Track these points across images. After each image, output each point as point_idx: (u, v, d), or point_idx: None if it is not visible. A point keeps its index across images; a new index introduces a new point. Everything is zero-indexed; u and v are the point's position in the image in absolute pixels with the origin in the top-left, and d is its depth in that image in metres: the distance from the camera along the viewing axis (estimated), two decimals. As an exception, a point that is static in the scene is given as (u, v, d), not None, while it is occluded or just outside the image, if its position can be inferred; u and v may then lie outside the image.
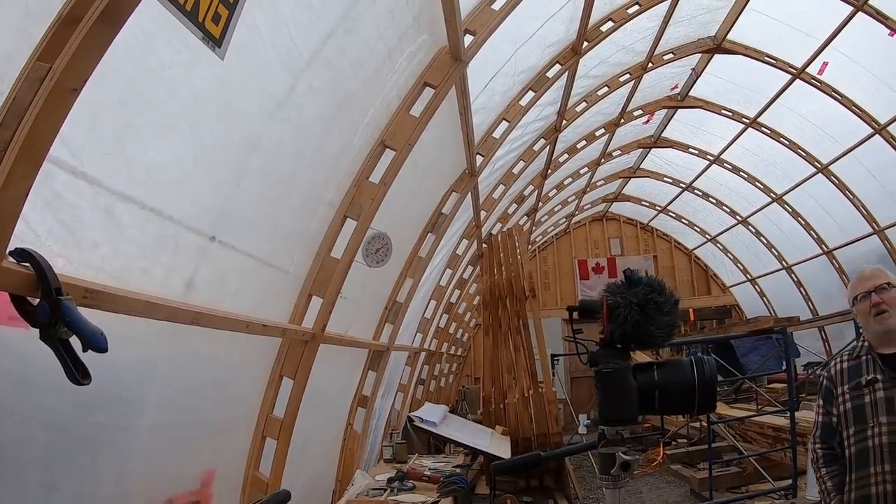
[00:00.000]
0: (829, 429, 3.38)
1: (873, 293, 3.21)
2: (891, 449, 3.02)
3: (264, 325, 3.68)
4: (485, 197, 9.89)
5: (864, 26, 10.91)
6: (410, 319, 8.42)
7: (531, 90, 8.36)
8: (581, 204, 20.37)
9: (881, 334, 3.21)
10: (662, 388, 2.08)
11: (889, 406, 3.08)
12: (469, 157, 7.09)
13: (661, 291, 2.14)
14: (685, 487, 10.95)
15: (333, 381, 6.03)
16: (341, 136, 4.27)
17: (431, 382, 12.61)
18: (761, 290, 21.34)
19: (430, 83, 4.94)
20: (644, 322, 2.09)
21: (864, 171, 14.07)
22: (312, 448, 5.60)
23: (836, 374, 3.36)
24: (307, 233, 4.28)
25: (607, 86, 11.55)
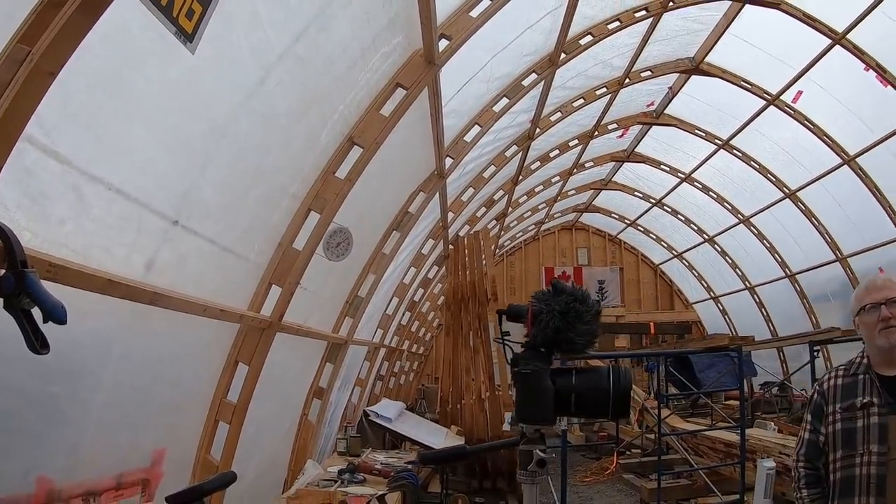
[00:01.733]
0: (815, 448, 3.19)
1: (883, 305, 2.96)
2: (878, 481, 2.87)
3: (221, 310, 3.75)
4: (453, 199, 9.97)
5: (840, 59, 11.23)
6: (371, 315, 8.49)
7: (506, 97, 8.47)
8: (551, 212, 20.53)
9: (886, 351, 2.98)
10: (579, 392, 2.19)
11: (882, 434, 2.89)
12: (438, 159, 7.18)
13: (584, 301, 2.24)
14: (636, 497, 11.12)
15: (290, 370, 6.09)
16: (309, 130, 4.35)
17: (391, 379, 12.69)
18: (724, 308, 21.70)
19: (403, 84, 5.02)
20: (564, 328, 2.19)
21: (830, 200, 14.43)
22: (266, 435, 5.65)
23: (829, 391, 3.15)
24: (270, 223, 4.35)
25: (583, 98, 11.69)
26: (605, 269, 23.22)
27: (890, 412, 2.91)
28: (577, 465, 14.40)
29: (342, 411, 8.69)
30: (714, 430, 11.62)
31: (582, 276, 22.87)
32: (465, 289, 10.55)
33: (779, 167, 15.11)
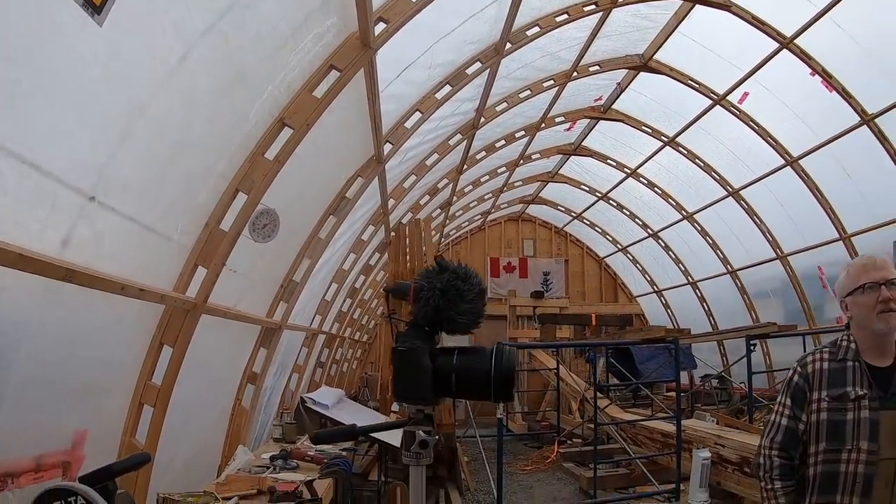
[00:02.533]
0: (793, 436, 2.98)
1: (883, 286, 2.81)
2: (865, 481, 2.72)
3: (141, 290, 3.67)
4: (394, 185, 9.93)
5: (787, 63, 11.43)
6: (308, 300, 8.42)
7: (448, 84, 8.43)
8: (497, 203, 20.58)
9: (880, 336, 2.84)
10: (460, 373, 2.18)
11: (873, 430, 2.73)
12: (376, 144, 7.12)
13: (466, 279, 2.22)
14: (575, 485, 11.26)
15: (221, 354, 6.02)
16: (236, 109, 4.27)
17: (333, 366, 12.60)
18: (666, 302, 22.02)
19: (337, 66, 4.97)
20: (445, 307, 2.18)
21: (773, 200, 14.76)
22: (196, 420, 5.59)
23: (815, 374, 2.94)
24: (195, 202, 4.27)
25: (530, 89, 11.67)
26: (551, 261, 23.35)
27: (881, 407, 2.77)
28: (519, 453, 14.57)
29: (279, 398, 8.61)
30: (652, 421, 11.77)
31: (527, 267, 22.97)
32: (405, 276, 10.52)
33: (723, 166, 15.37)
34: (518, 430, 17.10)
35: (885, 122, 11.35)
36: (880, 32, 10.20)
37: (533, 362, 18.09)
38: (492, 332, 20.59)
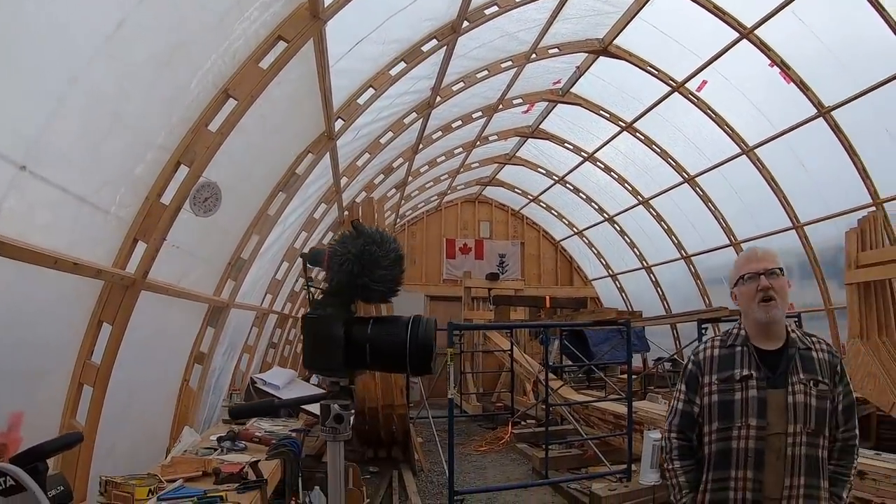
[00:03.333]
0: (689, 418, 3.19)
1: (762, 276, 3.01)
2: (756, 455, 2.90)
3: (75, 264, 3.53)
4: (347, 163, 9.79)
5: (746, 53, 11.53)
6: (258, 279, 8.27)
7: (403, 61, 8.32)
8: (454, 184, 20.48)
9: (763, 325, 3.04)
10: (374, 343, 2.10)
11: (761, 408, 2.93)
12: (328, 120, 6.99)
13: (382, 245, 2.15)
14: (528, 466, 11.31)
15: (166, 333, 5.88)
16: (177, 79, 4.12)
17: (286, 347, 12.43)
18: (621, 286, 22.23)
19: (284, 37, 4.83)
20: (360, 273, 2.10)
21: (728, 188, 14.95)
22: (141, 401, 5.45)
23: (705, 361, 3.16)
24: (133, 175, 4.11)
25: (487, 69, 11.57)
26: (507, 243, 23.36)
27: (769, 386, 2.96)
28: (474, 434, 14.63)
29: (229, 378, 8.48)
30: (604, 402, 11.86)
31: (483, 249, 22.95)
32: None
33: (679, 152, 15.50)
34: (473, 411, 17.19)
35: (841, 114, 11.52)
36: (840, 26, 10.33)
37: (488, 343, 18.17)
38: (447, 313, 20.72)
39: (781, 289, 3.02)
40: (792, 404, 2.91)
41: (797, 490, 2.85)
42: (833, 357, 3.05)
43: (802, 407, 2.90)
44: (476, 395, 18.37)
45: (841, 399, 3.01)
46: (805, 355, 3.01)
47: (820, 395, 2.93)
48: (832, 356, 3.05)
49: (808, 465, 2.87)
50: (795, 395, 2.91)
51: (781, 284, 3.03)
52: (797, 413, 2.89)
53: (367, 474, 10.14)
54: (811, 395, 2.92)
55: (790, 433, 2.89)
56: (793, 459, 2.86)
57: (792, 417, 2.89)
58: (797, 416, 2.89)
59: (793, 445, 2.87)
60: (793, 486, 2.85)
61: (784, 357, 3.01)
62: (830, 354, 3.06)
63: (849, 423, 3.02)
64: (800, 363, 2.98)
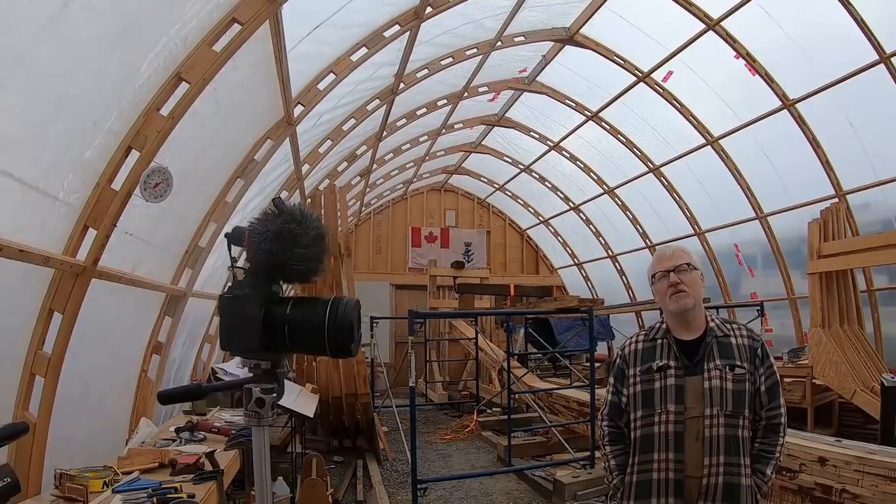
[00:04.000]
0: (617, 408, 3.39)
1: (672, 272, 3.22)
2: (676, 438, 3.08)
3: (21, 251, 3.43)
4: (309, 150, 9.69)
5: (712, 45, 11.58)
6: (219, 267, 8.14)
7: (365, 47, 8.23)
8: (420, 172, 20.43)
9: (677, 315, 3.24)
10: (293, 324, 2.05)
11: (679, 394, 3.12)
12: (286, 105, 6.88)
13: (301, 223, 2.10)
14: (493, 453, 11.33)
15: (123, 323, 5.77)
16: (126, 61, 4.00)
17: (251, 337, 12.30)
18: (587, 274, 22.36)
19: (239, 19, 4.72)
20: (278, 252, 2.06)
21: (692, 178, 15.07)
22: (98, 393, 5.35)
23: (630, 355, 3.36)
24: (82, 160, 3.99)
25: (452, 57, 11.51)
26: (473, 232, 23.35)
27: (687, 374, 3.16)
28: (440, 423, 14.63)
29: (190, 369, 8.36)
30: (567, 390, 11.89)
31: (449, 237, 22.92)
32: (318, 244, 10.33)
33: (645, 142, 15.58)
34: (439, 399, 17.19)
35: (805, 107, 11.67)
36: (806, 20, 10.45)
37: (453, 332, 18.16)
38: (413, 301, 20.72)
39: (692, 282, 3.22)
40: (708, 389, 3.09)
41: (717, 468, 3.03)
42: (753, 341, 3.24)
43: (718, 391, 3.09)
44: (442, 383, 18.38)
45: (763, 380, 3.19)
46: (723, 342, 3.20)
47: (737, 378, 3.12)
48: (752, 340, 3.24)
49: (727, 445, 3.05)
50: (711, 380, 3.10)
51: (692, 278, 3.23)
52: (713, 397, 3.08)
53: (332, 464, 10.08)
54: (727, 379, 3.11)
55: (707, 416, 3.07)
56: (711, 440, 3.05)
57: (708, 401, 3.08)
58: (713, 400, 3.08)
59: (710, 427, 3.06)
60: (712, 464, 3.03)
61: (701, 346, 3.20)
62: (750, 339, 3.24)
63: (772, 403, 3.19)
64: (717, 350, 3.17)
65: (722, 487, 3.01)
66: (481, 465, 10.82)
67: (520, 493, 9.14)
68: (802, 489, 5.96)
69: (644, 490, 3.17)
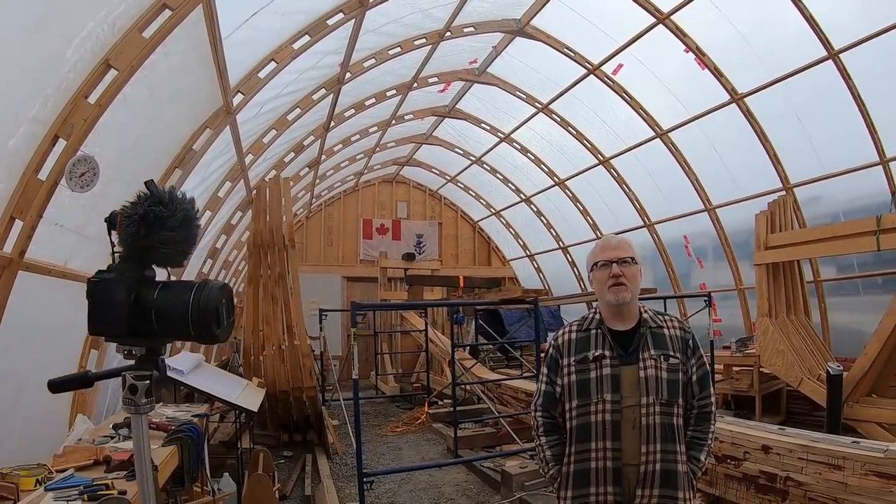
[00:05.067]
0: (551, 398, 3.34)
1: (614, 264, 3.19)
2: (613, 427, 3.07)
3: (-61, 243, 3.33)
4: (252, 140, 9.57)
5: (662, 38, 11.70)
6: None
7: (307, 34, 8.12)
8: (371, 163, 20.33)
9: (614, 307, 3.23)
10: (159, 308, 2.02)
11: (615, 384, 3.11)
12: (225, 94, 6.76)
13: (168, 205, 2.07)
14: (444, 445, 11.31)
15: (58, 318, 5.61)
16: (49, 48, 3.87)
17: (200, 331, 12.08)
18: (539, 266, 22.51)
19: (169, 4, 4.60)
20: (145, 235, 2.02)
21: (642, 170, 15.26)
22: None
23: (563, 345, 3.32)
24: (5, 149, 3.87)
25: (400, 46, 11.44)
26: (425, 224, 23.33)
27: (622, 363, 3.15)
28: (391, 415, 14.59)
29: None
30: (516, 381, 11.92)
31: (401, 229, 22.87)
32: (264, 235, 10.23)
33: (595, 135, 15.72)
34: (390, 391, 17.16)
35: (754, 101, 11.88)
36: (755, 15, 10.63)
37: (404, 324, 18.14)
38: (365, 294, 20.65)
39: (633, 276, 3.22)
40: (643, 378, 3.11)
41: (654, 455, 3.04)
42: (685, 333, 3.27)
43: (654, 380, 3.10)
44: (394, 375, 18.36)
45: (695, 370, 3.24)
46: (657, 333, 3.22)
47: (671, 368, 3.14)
48: (684, 332, 3.27)
49: (664, 432, 3.07)
50: (647, 369, 3.12)
51: (633, 272, 3.22)
52: (649, 386, 3.09)
53: (281, 458, 10.00)
54: (662, 368, 3.13)
55: (643, 404, 3.08)
56: (647, 428, 3.06)
57: (644, 390, 3.09)
58: (649, 389, 3.09)
59: (647, 415, 3.07)
60: (649, 451, 3.04)
61: (636, 336, 3.20)
62: (682, 331, 3.27)
63: (704, 392, 3.24)
64: (651, 340, 3.19)
65: (659, 474, 3.03)
66: (431, 457, 10.81)
67: (469, 484, 9.16)
68: (747, 477, 6.04)
69: (582, 479, 3.14)
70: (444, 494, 8.65)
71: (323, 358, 15.55)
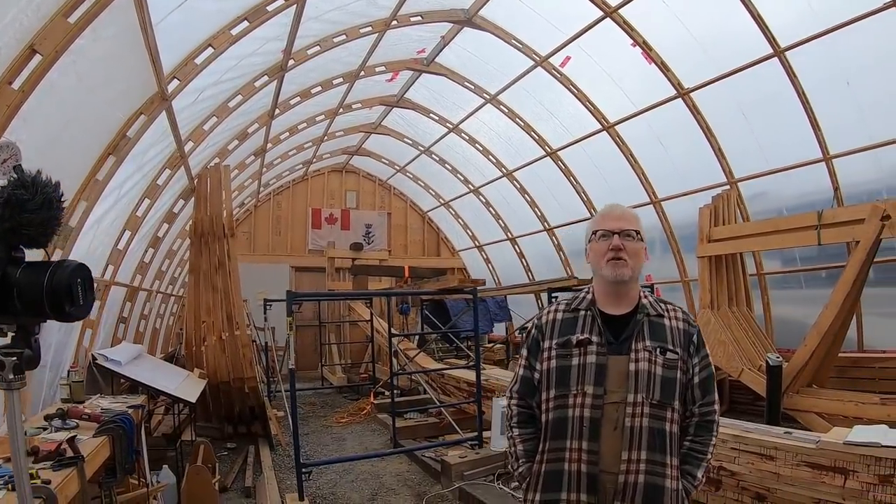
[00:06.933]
0: (529, 385, 2.98)
1: (616, 235, 2.83)
2: (592, 425, 2.68)
3: None
4: (192, 127, 9.44)
5: (610, 32, 11.75)
6: (96, 248, 7.83)
7: (246, 20, 8.01)
8: (320, 152, 20.20)
9: (610, 286, 2.86)
10: (20, 287, 2.05)
11: (599, 375, 2.73)
12: (159, 79, 6.65)
13: (30, 188, 2.10)
14: (387, 435, 11.29)
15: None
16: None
17: (141, 322, 11.89)
18: (487, 256, 22.64)
19: (98, -11, 4.53)
20: (9, 217, 2.05)
21: (589, 162, 15.38)
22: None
23: (547, 325, 2.95)
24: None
25: (345, 34, 11.32)
26: (374, 214, 23.27)
27: (611, 352, 2.76)
28: (337, 406, 14.59)
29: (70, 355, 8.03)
30: (459, 370, 12.01)
31: (349, 219, 22.80)
32: (205, 224, 10.11)
33: (543, 126, 15.82)
34: (338, 382, 17.14)
35: (700, 96, 12.02)
36: (702, 11, 10.72)
37: (351, 314, 18.13)
38: (313, 284, 20.56)
39: (635, 252, 2.85)
40: (634, 372, 2.72)
41: (636, 465, 2.65)
42: (690, 326, 2.89)
43: (646, 375, 2.71)
44: (342, 366, 18.32)
45: (697, 371, 2.85)
46: (655, 322, 2.85)
47: (668, 364, 2.76)
48: (689, 325, 2.89)
49: (651, 439, 2.68)
50: (638, 362, 2.73)
51: (636, 248, 2.86)
52: (639, 382, 2.71)
53: (224, 451, 9.93)
54: (657, 363, 2.74)
55: (630, 403, 2.69)
56: (632, 431, 2.67)
57: (633, 386, 2.70)
58: (639, 385, 2.70)
59: (633, 416, 2.68)
60: (632, 459, 2.65)
61: (631, 323, 2.83)
62: (687, 324, 2.89)
63: (707, 398, 2.85)
64: (648, 330, 2.81)
65: (643, 488, 2.64)
66: (375, 447, 10.83)
67: (410, 474, 9.19)
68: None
69: (553, 482, 2.77)
70: (384, 485, 8.66)
71: (267, 349, 15.45)
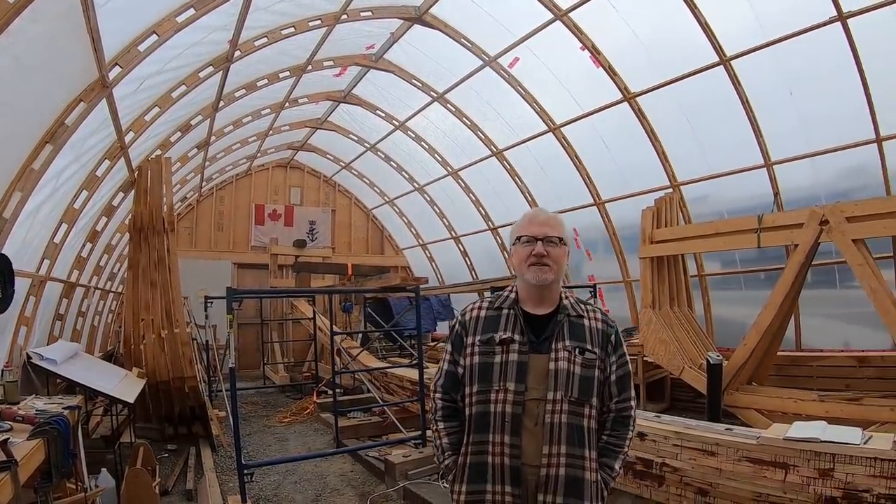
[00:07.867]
0: (453, 379, 3.10)
1: (539, 241, 2.93)
2: (513, 420, 2.82)
3: None
4: (133, 117, 9.13)
5: (559, 35, 11.86)
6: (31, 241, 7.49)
7: (192, 8, 7.78)
8: (264, 147, 19.91)
9: (533, 288, 2.97)
10: None
11: (520, 372, 2.86)
12: (100, 66, 6.37)
13: None
14: (330, 435, 11.16)
15: None
16: None
17: (79, 319, 11.46)
18: (431, 255, 22.72)
19: (34, -33, 4.28)
20: None
21: (534, 163, 15.62)
22: None
23: (470, 322, 3.08)
24: None
25: (294, 27, 11.13)
26: (318, 211, 23.05)
27: (532, 351, 2.89)
28: (280, 406, 14.46)
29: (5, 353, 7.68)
30: (402, 369, 12.01)
31: (293, 215, 22.51)
32: (144, 217, 9.81)
33: (489, 126, 15.93)
34: (281, 381, 16.93)
35: (645, 101, 12.26)
36: (652, 19, 10.92)
37: (294, 312, 17.97)
38: (256, 281, 20.30)
39: (557, 257, 2.95)
40: (554, 371, 2.86)
41: (557, 458, 2.80)
42: (608, 327, 3.04)
43: (565, 374, 2.85)
44: (285, 364, 18.09)
45: (615, 370, 3.01)
46: (575, 322, 2.98)
47: (586, 363, 2.90)
48: (607, 326, 3.04)
49: (570, 434, 2.82)
50: (558, 361, 2.87)
51: (558, 254, 2.96)
52: (558, 380, 2.85)
53: (165, 452, 9.65)
54: (575, 362, 2.88)
55: (549, 400, 2.83)
56: (552, 427, 2.81)
57: (553, 384, 2.84)
58: (558, 383, 2.84)
59: (552, 413, 2.82)
60: (552, 453, 2.80)
61: (552, 323, 2.96)
62: (605, 324, 3.04)
63: (623, 395, 3.01)
64: (568, 330, 2.95)
65: (563, 480, 2.79)
66: (318, 447, 10.70)
67: (354, 474, 9.06)
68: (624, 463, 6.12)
69: (478, 474, 2.89)
70: (328, 485, 8.53)
71: (208, 347, 15.13)
